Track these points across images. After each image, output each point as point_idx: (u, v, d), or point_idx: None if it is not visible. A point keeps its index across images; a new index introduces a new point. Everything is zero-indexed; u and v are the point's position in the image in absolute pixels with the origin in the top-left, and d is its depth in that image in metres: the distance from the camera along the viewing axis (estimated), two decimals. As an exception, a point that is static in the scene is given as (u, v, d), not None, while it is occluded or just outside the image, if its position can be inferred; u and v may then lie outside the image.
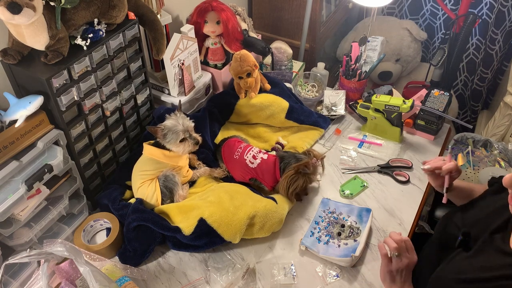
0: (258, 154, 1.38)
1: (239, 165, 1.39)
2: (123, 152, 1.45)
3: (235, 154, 1.39)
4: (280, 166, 1.33)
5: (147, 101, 1.48)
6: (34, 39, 1.04)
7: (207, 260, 1.24)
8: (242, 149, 1.39)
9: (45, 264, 0.93)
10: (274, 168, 1.33)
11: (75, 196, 1.28)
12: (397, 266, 1.03)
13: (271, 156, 1.37)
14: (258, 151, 1.39)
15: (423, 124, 1.57)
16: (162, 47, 1.38)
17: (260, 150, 1.41)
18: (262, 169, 1.35)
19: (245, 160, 1.37)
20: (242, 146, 1.40)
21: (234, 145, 1.42)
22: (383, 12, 2.56)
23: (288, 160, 1.32)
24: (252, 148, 1.40)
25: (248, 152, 1.38)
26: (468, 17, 1.91)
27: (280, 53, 1.79)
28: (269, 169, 1.34)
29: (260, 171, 1.36)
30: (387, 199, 1.39)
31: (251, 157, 1.37)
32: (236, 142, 1.43)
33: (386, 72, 2.35)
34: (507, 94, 2.13)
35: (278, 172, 1.33)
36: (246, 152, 1.38)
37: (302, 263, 1.22)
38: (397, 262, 1.03)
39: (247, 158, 1.37)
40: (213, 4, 1.55)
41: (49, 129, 1.15)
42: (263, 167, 1.35)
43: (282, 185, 1.30)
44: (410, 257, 1.04)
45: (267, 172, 1.34)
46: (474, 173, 1.96)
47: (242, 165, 1.38)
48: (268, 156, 1.37)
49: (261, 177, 1.36)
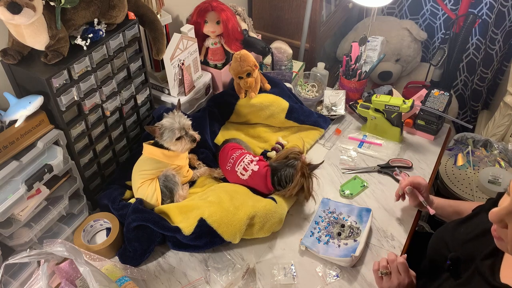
0: (249, 166, 1.34)
1: (232, 176, 1.38)
2: (123, 152, 1.45)
3: (227, 165, 1.38)
4: (273, 179, 1.31)
5: (147, 101, 1.48)
6: (34, 39, 1.04)
7: (207, 260, 1.24)
8: (234, 159, 1.37)
9: (45, 264, 0.93)
10: (266, 179, 1.32)
11: (75, 196, 1.28)
12: (387, 284, 1.03)
13: (262, 167, 1.34)
14: (249, 161, 1.35)
15: (423, 124, 1.57)
16: (162, 47, 1.38)
17: (252, 160, 1.36)
18: (254, 180, 1.34)
19: (236, 172, 1.36)
20: (234, 156, 1.37)
21: (228, 153, 1.39)
22: (383, 12, 2.56)
23: (284, 171, 1.30)
24: (244, 157, 1.36)
25: (239, 163, 1.35)
26: (468, 17, 1.91)
27: (280, 53, 1.79)
28: (261, 180, 1.33)
29: (251, 183, 1.35)
30: (387, 199, 1.39)
31: (242, 169, 1.35)
32: (230, 150, 1.40)
33: (386, 72, 2.35)
34: (507, 94, 2.13)
35: (270, 182, 1.32)
36: (237, 164, 1.35)
37: (302, 263, 1.22)
38: (386, 281, 1.03)
39: (238, 170, 1.35)
40: (213, 4, 1.55)
41: (49, 129, 1.15)
42: (255, 178, 1.33)
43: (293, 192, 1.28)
44: (401, 278, 1.02)
45: (259, 183, 1.34)
46: (474, 173, 1.96)
47: (234, 177, 1.37)
48: (259, 167, 1.34)
49: (254, 187, 1.35)
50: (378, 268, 1.05)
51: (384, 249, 1.25)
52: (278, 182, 1.31)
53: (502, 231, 0.77)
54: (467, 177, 1.96)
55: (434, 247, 1.09)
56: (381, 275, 1.04)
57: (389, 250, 1.24)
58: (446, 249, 1.02)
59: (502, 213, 0.74)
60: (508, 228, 0.75)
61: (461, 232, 1.03)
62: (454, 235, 1.04)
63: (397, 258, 1.04)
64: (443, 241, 1.05)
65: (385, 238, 1.28)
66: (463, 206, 1.23)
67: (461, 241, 1.00)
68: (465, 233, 1.01)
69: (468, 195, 1.90)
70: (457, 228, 1.05)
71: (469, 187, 1.93)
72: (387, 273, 1.03)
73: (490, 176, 1.90)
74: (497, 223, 0.77)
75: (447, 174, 1.99)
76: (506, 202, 0.74)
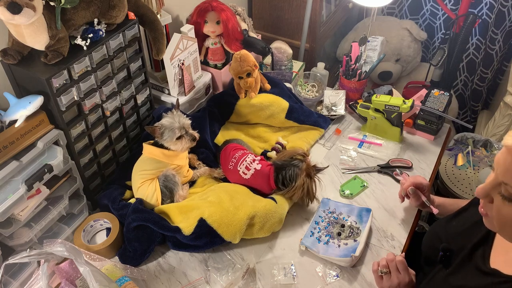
0: (251, 165, 1.34)
1: (233, 176, 1.38)
2: (123, 152, 1.45)
3: (229, 165, 1.38)
4: (277, 177, 1.31)
5: (147, 101, 1.48)
6: (34, 39, 1.04)
7: (207, 260, 1.24)
8: (236, 159, 1.36)
9: (45, 264, 0.93)
10: (269, 177, 1.32)
11: (75, 196, 1.28)
12: (388, 284, 1.03)
13: (265, 166, 1.34)
14: (252, 160, 1.35)
15: (423, 124, 1.57)
16: (162, 47, 1.38)
17: (254, 159, 1.36)
18: (256, 179, 1.34)
19: (239, 171, 1.35)
20: (237, 156, 1.37)
21: (230, 153, 1.39)
22: (383, 12, 2.56)
23: (289, 170, 1.29)
24: (246, 157, 1.36)
25: (242, 162, 1.35)
26: (468, 17, 1.91)
27: (280, 53, 1.79)
28: (263, 179, 1.33)
29: (254, 182, 1.34)
30: (387, 199, 1.39)
31: (244, 168, 1.34)
32: (232, 151, 1.40)
33: (386, 72, 2.35)
34: (507, 94, 2.13)
35: (273, 181, 1.32)
36: (240, 163, 1.35)
37: (302, 263, 1.22)
38: (386, 280, 1.04)
39: (240, 169, 1.35)
40: (213, 4, 1.55)
41: (49, 129, 1.15)
42: (257, 177, 1.33)
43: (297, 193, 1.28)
44: (401, 276, 1.02)
45: (261, 182, 1.34)
46: (474, 173, 1.96)
47: (236, 177, 1.37)
48: (262, 166, 1.34)
49: (256, 187, 1.35)
50: (377, 268, 1.06)
51: (384, 249, 1.25)
52: (282, 181, 1.31)
53: (488, 206, 0.81)
54: (467, 177, 1.96)
55: (428, 242, 1.11)
56: (381, 274, 1.04)
57: (389, 250, 1.24)
58: (440, 243, 1.03)
59: (488, 188, 0.78)
60: (494, 203, 0.79)
61: (453, 225, 1.05)
62: (446, 229, 1.06)
63: (396, 257, 1.04)
64: (436, 236, 1.07)
65: (385, 238, 1.28)
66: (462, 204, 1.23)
67: (453, 234, 1.02)
68: (457, 226, 1.03)
69: (468, 195, 1.90)
70: (449, 222, 1.07)
71: (469, 187, 1.93)
72: (387, 272, 1.04)
73: (490, 176, 1.90)
74: (483, 197, 0.81)
75: (447, 174, 1.99)
76: (491, 178, 0.78)
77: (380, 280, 1.05)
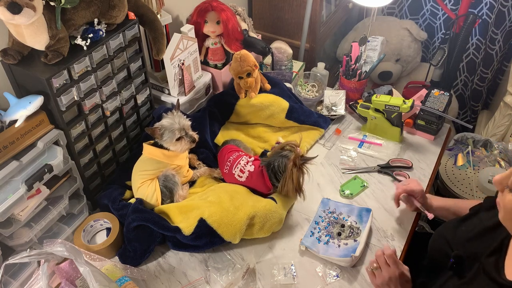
0: (245, 167, 1.34)
1: (230, 179, 1.38)
2: (123, 152, 1.45)
3: (224, 168, 1.38)
4: (269, 173, 1.30)
5: (147, 101, 1.48)
6: (34, 39, 1.04)
7: (207, 260, 1.24)
8: (231, 162, 1.36)
9: (45, 264, 0.93)
10: (263, 177, 1.31)
11: (75, 196, 1.28)
12: (380, 280, 1.03)
13: (257, 166, 1.33)
14: (245, 163, 1.35)
15: (423, 124, 1.57)
16: (162, 47, 1.38)
17: (248, 161, 1.35)
18: (252, 181, 1.34)
19: (234, 174, 1.35)
20: (231, 159, 1.37)
21: (225, 156, 1.39)
22: (383, 12, 2.56)
23: (277, 162, 1.27)
24: (240, 159, 1.36)
25: (236, 166, 1.35)
26: (468, 17, 1.91)
27: (280, 53, 1.79)
28: (259, 179, 1.32)
29: (250, 184, 1.34)
30: (387, 199, 1.39)
31: (239, 171, 1.34)
32: (227, 153, 1.39)
33: (386, 72, 2.35)
34: (507, 94, 2.13)
35: (268, 180, 1.31)
36: (234, 166, 1.35)
37: (302, 263, 1.22)
38: (378, 276, 1.03)
39: (235, 173, 1.35)
40: (213, 4, 1.55)
41: (49, 129, 1.15)
42: (253, 179, 1.33)
43: (288, 185, 1.26)
44: (391, 270, 1.01)
45: (257, 183, 1.33)
46: (474, 173, 1.96)
47: (233, 180, 1.37)
48: (254, 167, 1.33)
49: (253, 188, 1.35)
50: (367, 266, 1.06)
51: (384, 249, 1.25)
52: (275, 177, 1.30)
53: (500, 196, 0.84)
54: (467, 177, 1.96)
55: (436, 246, 1.09)
56: (371, 270, 1.04)
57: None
58: (448, 247, 1.02)
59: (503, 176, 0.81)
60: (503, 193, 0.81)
61: (462, 230, 1.03)
62: (455, 233, 1.03)
63: (384, 251, 1.03)
64: (444, 240, 1.05)
65: (385, 238, 1.28)
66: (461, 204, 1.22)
67: (463, 240, 1.00)
68: (466, 231, 1.01)
69: (468, 195, 1.90)
70: (458, 226, 1.05)
71: (469, 187, 1.93)
72: (377, 268, 1.03)
73: (490, 176, 1.90)
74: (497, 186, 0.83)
75: (447, 174, 1.99)
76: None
77: (374, 278, 1.05)
